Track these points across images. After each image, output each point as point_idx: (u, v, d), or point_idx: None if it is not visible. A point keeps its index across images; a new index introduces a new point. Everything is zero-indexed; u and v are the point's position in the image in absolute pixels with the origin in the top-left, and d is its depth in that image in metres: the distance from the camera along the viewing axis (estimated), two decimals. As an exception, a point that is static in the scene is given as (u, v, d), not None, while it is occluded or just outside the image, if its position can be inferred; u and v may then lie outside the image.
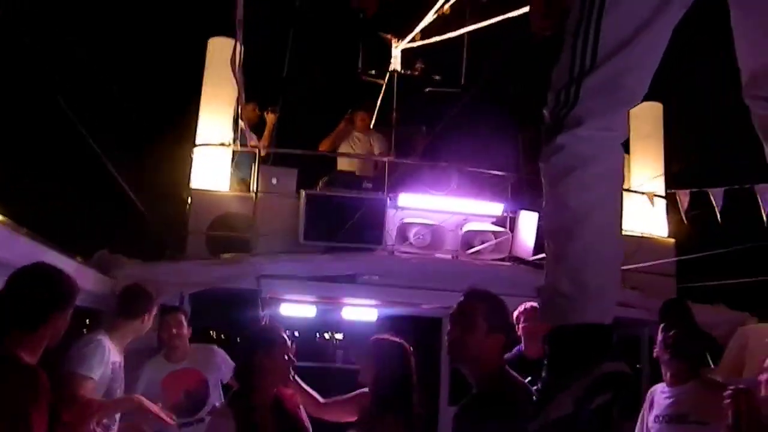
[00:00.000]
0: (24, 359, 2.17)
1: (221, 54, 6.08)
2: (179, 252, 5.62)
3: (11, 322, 2.23)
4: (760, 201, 4.83)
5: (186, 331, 4.17)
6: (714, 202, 5.30)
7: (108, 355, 3.32)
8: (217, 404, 3.88)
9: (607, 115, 1.48)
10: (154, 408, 3.36)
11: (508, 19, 5.74)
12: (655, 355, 3.44)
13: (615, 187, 1.52)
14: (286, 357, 3.10)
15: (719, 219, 5.29)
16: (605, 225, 1.47)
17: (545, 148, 1.53)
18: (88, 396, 3.17)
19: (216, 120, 6.04)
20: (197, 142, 6.03)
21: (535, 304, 3.50)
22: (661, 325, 3.37)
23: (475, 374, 2.48)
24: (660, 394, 3.38)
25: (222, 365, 4.16)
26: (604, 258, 1.47)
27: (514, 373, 2.55)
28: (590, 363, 1.34)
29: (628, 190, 7.03)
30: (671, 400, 3.31)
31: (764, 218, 4.89)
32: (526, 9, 5.39)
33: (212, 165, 5.96)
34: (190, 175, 5.95)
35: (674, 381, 3.32)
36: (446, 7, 6.37)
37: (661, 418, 3.32)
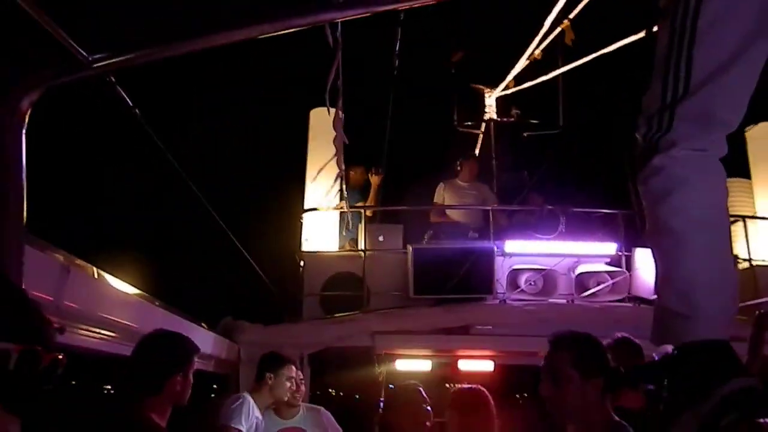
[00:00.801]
0: (154, 421, 2.32)
1: (323, 123, 6.41)
2: (296, 314, 5.83)
3: (139, 387, 2.41)
4: None
5: (302, 389, 4.27)
6: None
7: (252, 411, 3.52)
8: None
9: (702, 139, 1.44)
10: None
11: (601, 56, 5.66)
12: None
13: (718, 207, 1.47)
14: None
15: None
16: (710, 244, 1.41)
17: (641, 171, 1.51)
18: None
19: (322, 185, 6.33)
20: (306, 206, 6.32)
21: (624, 334, 3.26)
22: None
23: (582, 429, 2.31)
24: None
25: (328, 427, 4.19)
26: (714, 278, 1.41)
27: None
28: (715, 381, 1.26)
29: (754, 217, 6.58)
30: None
31: None
32: (616, 45, 5.36)
33: (321, 228, 6.21)
34: (301, 239, 6.22)
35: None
36: (537, 52, 6.38)
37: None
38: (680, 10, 1.45)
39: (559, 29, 5.64)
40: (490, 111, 8.13)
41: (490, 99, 8.16)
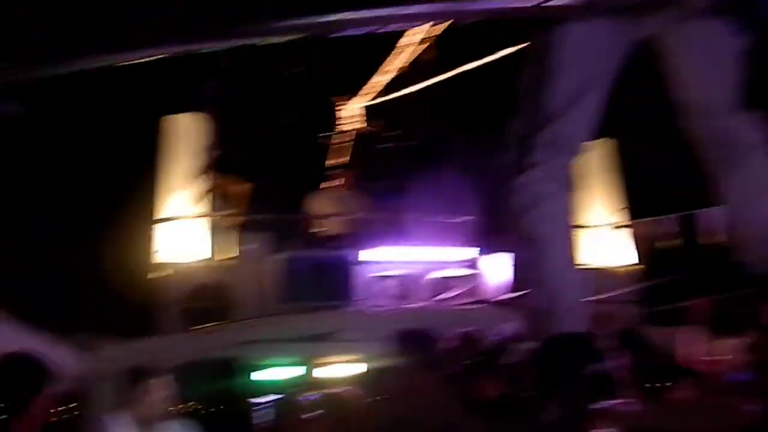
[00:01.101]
0: None
1: (182, 130, 6.27)
2: (158, 327, 5.62)
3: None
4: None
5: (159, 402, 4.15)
6: (671, 229, 5.62)
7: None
8: None
9: (558, 162, 1.71)
10: None
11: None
12: None
13: (568, 217, 1.75)
14: None
15: (680, 244, 5.62)
16: (569, 249, 1.69)
17: (513, 192, 1.75)
18: None
19: (181, 194, 6.15)
20: (163, 216, 6.12)
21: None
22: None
23: None
24: None
25: None
26: (575, 277, 1.67)
27: None
28: (577, 368, 1.50)
29: (586, 226, 7.33)
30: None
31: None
32: (473, 64, 5.82)
33: (183, 238, 6.04)
34: (161, 249, 6.01)
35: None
36: (396, 66, 6.69)
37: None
38: (541, 56, 1.70)
39: (419, 46, 5.98)
40: (352, 121, 8.36)
41: (351, 110, 8.39)
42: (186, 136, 6.27)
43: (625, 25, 1.67)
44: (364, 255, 6.04)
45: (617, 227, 6.66)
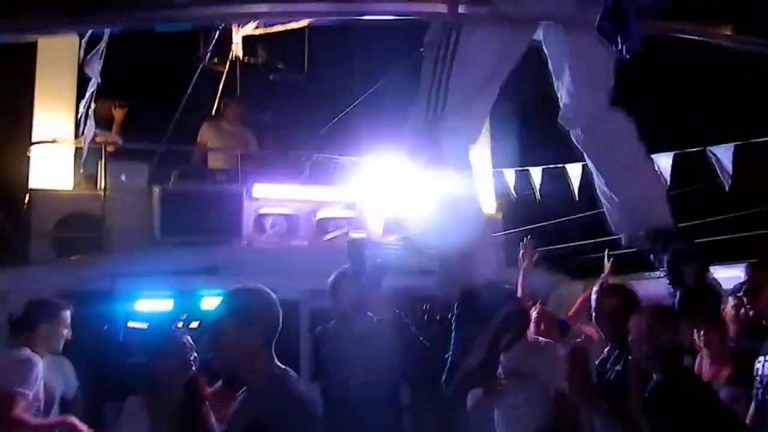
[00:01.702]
0: None
1: (57, 47, 5.81)
2: (21, 258, 5.35)
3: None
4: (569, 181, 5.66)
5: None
6: (533, 181, 6.11)
7: (39, 374, 3.24)
8: None
9: (457, 152, 1.88)
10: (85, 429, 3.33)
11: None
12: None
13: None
14: None
15: (538, 196, 6.12)
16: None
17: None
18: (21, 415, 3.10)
19: (55, 115, 5.76)
20: (34, 138, 5.72)
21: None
22: None
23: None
24: None
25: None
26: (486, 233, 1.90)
27: None
28: (497, 308, 1.72)
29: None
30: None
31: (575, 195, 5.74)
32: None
33: (54, 163, 5.70)
34: (28, 175, 5.65)
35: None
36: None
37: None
38: (442, 47, 1.83)
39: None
40: (237, 49, 8.07)
41: (238, 36, 8.08)
42: (63, 54, 5.82)
43: (520, 31, 1.83)
44: (248, 190, 6.02)
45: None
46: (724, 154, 4.02)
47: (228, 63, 7.94)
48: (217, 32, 7.68)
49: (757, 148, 3.98)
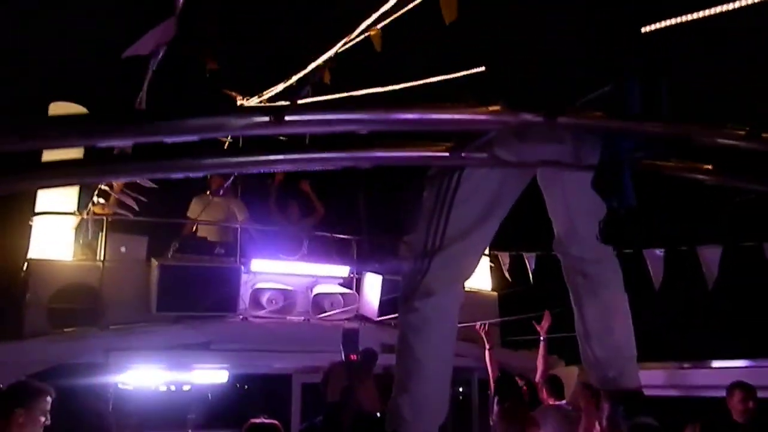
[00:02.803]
0: None
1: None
2: (16, 330, 5.33)
3: None
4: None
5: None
6: (527, 265, 6.19)
7: None
8: None
9: (451, 286, 1.95)
10: None
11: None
12: (491, 422, 4.02)
13: (451, 343, 2.02)
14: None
15: (531, 279, 6.19)
16: (441, 371, 1.97)
17: (404, 305, 1.98)
18: None
19: (57, 187, 5.85)
20: (36, 209, 5.80)
21: None
22: (496, 398, 3.94)
23: None
24: None
25: None
26: (438, 393, 1.96)
27: None
28: None
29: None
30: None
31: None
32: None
33: (54, 234, 5.75)
34: (28, 245, 5.69)
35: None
36: (293, 79, 6.73)
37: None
38: (444, 184, 1.92)
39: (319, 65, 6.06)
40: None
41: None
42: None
43: (520, 172, 1.93)
44: (246, 265, 6.08)
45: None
46: (711, 254, 4.13)
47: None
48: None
49: (744, 251, 4.09)
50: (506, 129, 1.70)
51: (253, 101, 8.11)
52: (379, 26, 4.79)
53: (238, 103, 8.38)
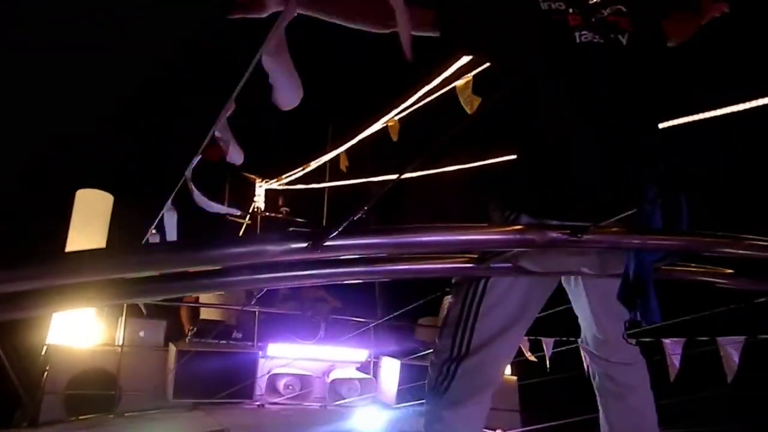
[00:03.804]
0: None
1: (89, 206, 6.11)
2: (32, 418, 5.30)
3: None
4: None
5: None
6: (545, 350, 6.10)
7: None
8: None
9: (478, 396, 1.95)
10: None
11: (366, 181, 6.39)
12: None
13: None
14: None
15: (548, 365, 6.11)
16: None
17: (429, 413, 1.98)
18: None
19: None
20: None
21: None
22: None
23: None
24: None
25: None
26: None
27: None
28: None
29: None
30: None
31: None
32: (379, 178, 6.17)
33: (74, 319, 5.80)
34: (47, 332, 5.73)
35: None
36: (312, 165, 6.93)
37: None
38: (470, 292, 1.95)
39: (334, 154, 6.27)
40: (259, 200, 8.44)
41: (261, 189, 8.48)
42: (90, 212, 6.11)
43: (546, 280, 1.96)
44: (263, 349, 6.06)
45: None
46: (733, 346, 4.06)
47: (248, 216, 8.29)
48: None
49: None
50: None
51: (273, 183, 8.34)
52: (397, 117, 4.97)
53: (257, 185, 8.64)
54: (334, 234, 1.31)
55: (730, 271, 2.13)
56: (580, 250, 1.86)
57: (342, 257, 1.56)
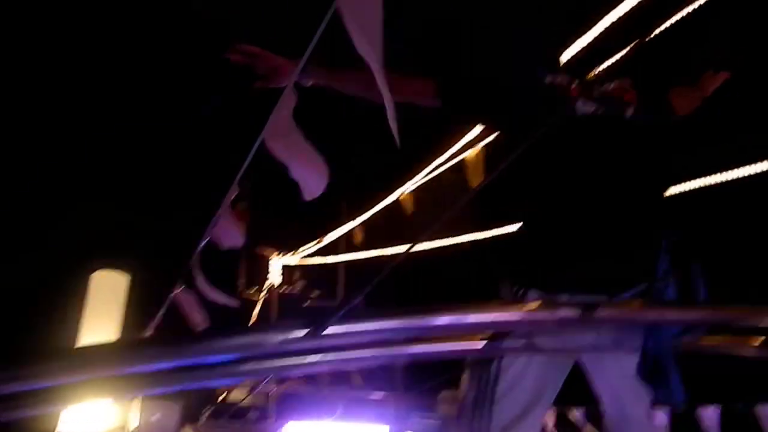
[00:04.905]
0: None
1: (104, 287, 6.12)
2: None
3: None
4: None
5: None
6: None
7: None
8: None
9: None
10: None
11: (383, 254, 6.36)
12: None
13: None
14: None
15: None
16: None
17: None
18: None
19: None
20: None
21: None
22: None
23: None
24: None
25: None
26: None
27: None
28: None
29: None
30: None
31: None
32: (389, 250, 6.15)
33: (86, 407, 5.70)
34: (57, 421, 5.63)
35: None
36: (327, 239, 6.94)
37: None
38: (484, 375, 1.87)
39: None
40: (274, 276, 8.38)
41: (276, 264, 8.45)
42: (105, 293, 6.12)
43: (561, 359, 1.89)
44: (280, 428, 5.89)
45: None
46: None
47: (263, 291, 8.23)
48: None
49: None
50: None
51: (288, 258, 8.32)
52: (409, 191, 5.00)
53: (271, 258, 8.63)
54: (334, 321, 1.27)
55: (760, 339, 2.04)
56: (595, 325, 1.80)
57: (348, 344, 1.51)
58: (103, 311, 5.99)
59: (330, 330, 1.33)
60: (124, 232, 6.03)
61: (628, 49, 2.14)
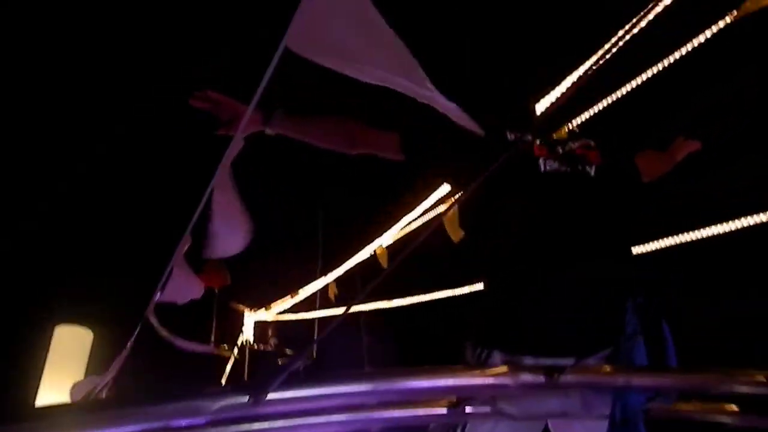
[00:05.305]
0: None
1: (66, 342, 5.92)
2: None
3: None
4: None
5: None
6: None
7: None
8: None
9: None
10: None
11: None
12: None
13: None
14: None
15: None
16: None
17: None
18: None
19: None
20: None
21: None
22: None
23: None
24: None
25: None
26: None
27: None
28: None
29: None
30: None
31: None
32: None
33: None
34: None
35: None
36: (301, 294, 6.81)
37: None
38: None
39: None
40: (246, 332, 8.17)
41: (249, 319, 8.24)
42: (68, 348, 5.91)
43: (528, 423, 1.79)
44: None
45: None
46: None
47: (236, 348, 7.99)
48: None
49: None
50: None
51: (261, 313, 8.13)
52: (385, 245, 4.94)
53: (246, 315, 8.42)
54: (276, 386, 1.18)
55: (734, 408, 1.96)
56: (562, 390, 1.71)
57: (298, 411, 1.41)
58: (64, 367, 5.76)
59: (275, 395, 1.23)
60: (86, 288, 5.85)
61: (595, 108, 2.13)
